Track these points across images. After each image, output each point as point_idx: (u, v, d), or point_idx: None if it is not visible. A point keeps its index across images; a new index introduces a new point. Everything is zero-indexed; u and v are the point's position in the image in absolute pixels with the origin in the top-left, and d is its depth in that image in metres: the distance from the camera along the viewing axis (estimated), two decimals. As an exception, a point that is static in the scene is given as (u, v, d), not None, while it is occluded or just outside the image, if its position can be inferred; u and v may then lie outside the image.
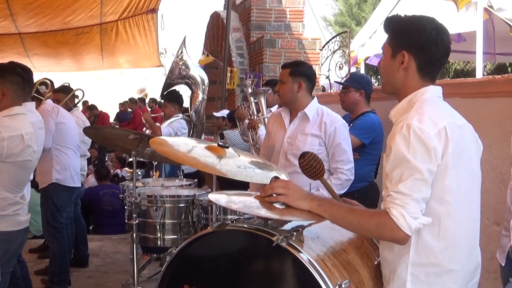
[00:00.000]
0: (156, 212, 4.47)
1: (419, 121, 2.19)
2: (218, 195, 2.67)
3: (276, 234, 2.36)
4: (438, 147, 2.18)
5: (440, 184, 2.22)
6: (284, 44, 10.24)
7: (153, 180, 5.73)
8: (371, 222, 2.21)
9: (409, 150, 2.17)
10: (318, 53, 10.38)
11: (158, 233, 4.49)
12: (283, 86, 4.26)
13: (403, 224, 2.13)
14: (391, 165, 2.22)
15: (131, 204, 4.41)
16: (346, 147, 4.19)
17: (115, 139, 4.55)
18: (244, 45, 11.31)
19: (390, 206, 2.16)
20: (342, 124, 4.23)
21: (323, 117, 4.21)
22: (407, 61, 2.35)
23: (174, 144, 3.29)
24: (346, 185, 4.17)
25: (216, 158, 3.02)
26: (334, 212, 2.32)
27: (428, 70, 2.36)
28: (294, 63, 4.42)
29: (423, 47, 2.32)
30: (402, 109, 2.37)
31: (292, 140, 4.23)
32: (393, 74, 2.40)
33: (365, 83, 5.23)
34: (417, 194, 2.15)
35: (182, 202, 4.49)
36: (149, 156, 4.71)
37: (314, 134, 4.17)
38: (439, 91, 2.40)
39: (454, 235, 2.27)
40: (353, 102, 5.16)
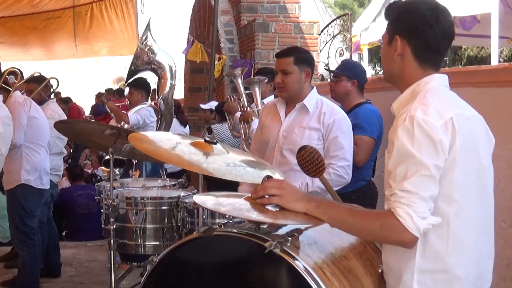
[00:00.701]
0: (136, 216, 4.46)
1: (423, 112, 2.21)
2: (205, 197, 2.66)
3: (269, 240, 2.36)
4: (444, 140, 2.20)
5: (448, 181, 2.24)
6: (279, 28, 10.26)
7: (132, 180, 5.72)
8: (374, 224, 2.22)
9: (414, 144, 2.18)
10: (316, 38, 10.40)
11: (139, 239, 4.48)
12: (289, 77, 4.20)
13: (410, 224, 2.13)
14: (394, 161, 2.23)
15: (108, 207, 4.40)
16: (344, 143, 4.18)
17: (89, 135, 4.54)
18: (234, 29, 11.31)
19: (396, 206, 2.17)
20: (343, 117, 4.24)
21: (322, 107, 4.23)
22: (400, 46, 2.40)
23: (156, 140, 3.28)
24: (336, 184, 4.13)
25: (202, 156, 3.01)
26: (333, 214, 2.32)
27: (427, 56, 2.40)
28: (294, 50, 4.38)
29: (416, 30, 2.37)
30: (404, 100, 2.40)
31: (288, 134, 4.23)
32: (390, 62, 2.47)
33: (359, 72, 5.23)
34: (425, 191, 2.16)
35: (165, 205, 4.49)
36: (128, 153, 4.71)
37: (312, 127, 4.18)
38: (445, 79, 2.43)
39: (463, 238, 2.29)
40: (344, 92, 5.15)
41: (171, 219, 4.44)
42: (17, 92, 6.14)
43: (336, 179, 4.12)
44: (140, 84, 7.36)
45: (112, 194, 4.37)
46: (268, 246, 2.32)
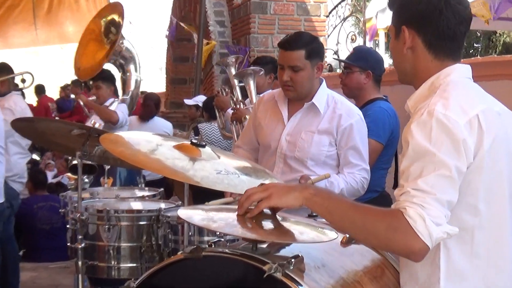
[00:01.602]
0: (109, 233, 4.46)
1: (444, 107, 2.22)
2: (191, 211, 2.67)
3: (269, 262, 2.36)
4: (469, 141, 2.21)
5: (473, 189, 2.25)
6: (279, 9, 10.28)
7: (104, 189, 5.72)
8: (379, 224, 2.20)
9: (432, 141, 2.19)
10: (323, 20, 10.42)
11: (112, 261, 4.49)
12: (300, 75, 4.10)
13: (422, 229, 2.11)
14: (408, 160, 2.23)
15: (75, 221, 4.40)
16: (364, 151, 4.18)
17: (52, 135, 4.54)
18: (225, 10, 11.33)
19: (406, 205, 2.15)
20: (360, 119, 4.20)
21: (337, 107, 4.17)
22: (409, 38, 2.44)
23: (133, 142, 3.28)
24: (352, 194, 4.12)
25: (188, 161, 3.02)
26: (332, 206, 2.32)
27: (441, 45, 2.43)
28: (305, 39, 4.21)
29: (425, 17, 2.41)
30: (422, 96, 2.43)
31: (293, 138, 4.17)
32: (400, 57, 2.52)
33: (374, 61, 5.15)
34: (442, 194, 2.16)
35: (143, 219, 4.49)
36: (99, 157, 4.70)
37: (323, 130, 4.12)
38: (467, 71, 2.47)
39: (491, 254, 2.30)
40: (357, 86, 5.11)
41: (151, 237, 4.45)
42: None
43: (354, 186, 4.10)
44: (107, 76, 7.41)
45: (80, 206, 4.37)
46: (267, 270, 2.32)
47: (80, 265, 4.29)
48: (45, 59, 26.47)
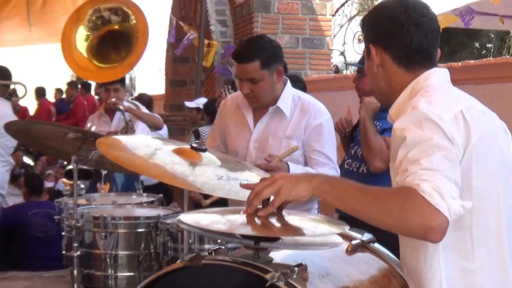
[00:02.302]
0: (106, 240, 4.47)
1: (427, 103, 2.29)
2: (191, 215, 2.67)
3: (271, 271, 2.37)
4: (456, 136, 2.24)
5: (466, 186, 2.26)
6: (283, 7, 10.28)
7: (101, 195, 5.73)
8: (393, 203, 2.17)
9: (423, 129, 2.22)
10: (329, 19, 10.42)
11: (109, 269, 4.49)
12: (259, 86, 4.06)
13: (439, 202, 2.08)
14: (404, 150, 2.24)
15: (70, 229, 4.41)
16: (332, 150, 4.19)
17: (47, 139, 4.55)
18: (227, 8, 11.34)
19: (417, 182, 2.13)
20: (329, 118, 4.22)
21: (304, 107, 4.18)
22: (377, 56, 2.54)
23: (131, 146, 3.29)
24: None
25: (188, 166, 3.03)
26: (342, 192, 2.31)
27: (410, 59, 2.52)
28: (257, 49, 4.11)
29: (388, 33, 2.52)
30: (403, 102, 2.48)
31: (262, 144, 4.19)
32: (374, 77, 2.62)
33: None
34: (449, 172, 2.15)
35: (141, 227, 4.50)
36: (96, 162, 4.72)
37: (291, 134, 4.14)
38: (446, 74, 2.57)
39: (489, 253, 2.34)
40: (371, 90, 5.10)
41: (149, 244, 4.45)
42: None
43: None
44: (124, 80, 7.39)
45: (76, 213, 4.38)
46: (269, 279, 2.33)
47: (76, 274, 4.30)
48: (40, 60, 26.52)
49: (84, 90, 17.80)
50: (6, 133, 6.20)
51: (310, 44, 10.09)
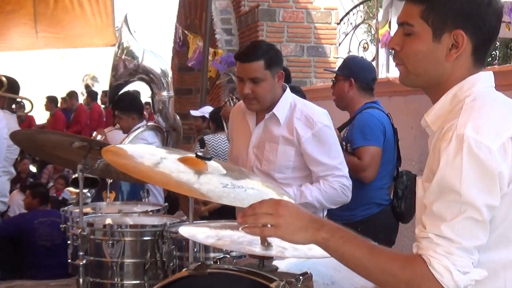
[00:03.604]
0: (112, 249, 4.46)
1: (475, 131, 2.04)
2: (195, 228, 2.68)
3: (276, 279, 2.37)
4: (504, 169, 2.04)
5: (508, 221, 2.12)
6: (287, 16, 10.31)
7: (107, 204, 5.73)
8: (401, 276, 2.10)
9: (462, 177, 2.02)
10: (334, 28, 10.44)
11: (115, 278, 4.48)
12: (261, 86, 4.07)
13: (449, 283, 2.02)
14: (432, 195, 2.09)
15: (76, 237, 4.41)
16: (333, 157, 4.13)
17: (53, 148, 4.56)
18: (232, 17, 11.37)
19: (430, 254, 2.05)
20: (323, 126, 4.13)
21: (295, 114, 4.14)
22: (464, 44, 2.20)
23: (136, 155, 3.30)
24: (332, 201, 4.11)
25: (193, 174, 3.03)
26: (347, 253, 2.19)
27: (484, 49, 2.25)
28: (262, 49, 4.18)
29: (476, 17, 2.19)
30: (444, 111, 2.23)
31: (260, 151, 4.19)
32: (436, 63, 2.24)
33: (356, 68, 5.15)
34: (469, 241, 2.04)
35: (147, 235, 4.49)
36: (102, 171, 4.72)
37: (286, 140, 4.12)
38: (491, 78, 2.28)
39: None
40: (341, 95, 5.11)
41: (155, 253, 4.44)
42: None
43: (331, 193, 4.07)
44: (127, 105, 7.14)
45: (82, 221, 4.38)
46: (274, 287, 2.33)
47: (82, 283, 4.30)
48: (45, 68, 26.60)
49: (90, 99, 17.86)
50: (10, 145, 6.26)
51: (315, 52, 10.11)
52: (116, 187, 6.81)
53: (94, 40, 13.86)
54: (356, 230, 4.18)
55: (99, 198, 6.23)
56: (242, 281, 2.48)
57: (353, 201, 4.50)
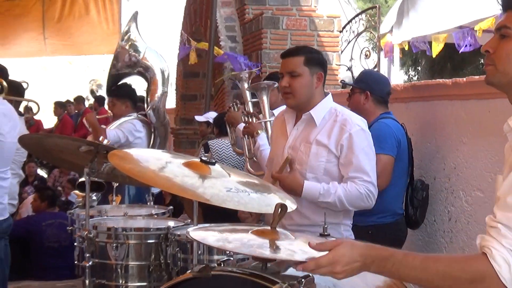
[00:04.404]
0: (117, 251, 4.46)
1: None
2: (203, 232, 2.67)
3: (279, 282, 2.37)
4: None
5: None
6: (291, 24, 10.29)
7: (112, 207, 5.73)
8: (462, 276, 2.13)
9: None
10: (337, 36, 10.43)
11: (120, 279, 4.48)
12: (298, 80, 4.15)
13: (506, 275, 2.05)
14: (507, 187, 2.14)
15: (83, 239, 4.41)
16: (365, 163, 4.11)
17: (60, 152, 4.56)
18: (236, 24, 11.36)
19: (493, 246, 2.08)
20: (361, 130, 4.16)
21: (336, 118, 4.18)
22: None
23: (142, 159, 3.30)
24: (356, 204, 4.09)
25: (198, 179, 3.03)
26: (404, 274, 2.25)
27: None
28: (304, 48, 4.36)
29: None
30: None
31: (295, 151, 4.21)
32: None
33: (372, 82, 5.28)
34: None
35: (151, 238, 4.49)
36: (108, 175, 4.72)
37: (320, 142, 4.14)
38: None
39: None
40: (357, 107, 5.22)
41: (159, 255, 4.44)
42: None
43: (356, 195, 4.05)
44: (123, 92, 7.33)
45: (88, 224, 4.38)
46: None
47: (88, 284, 4.30)
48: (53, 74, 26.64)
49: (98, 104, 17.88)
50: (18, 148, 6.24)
51: (317, 59, 10.10)
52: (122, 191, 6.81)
53: (100, 47, 13.79)
54: (367, 233, 4.24)
55: (105, 201, 6.23)
56: (246, 283, 2.47)
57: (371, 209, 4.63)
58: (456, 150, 5.14)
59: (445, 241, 5.21)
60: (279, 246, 2.53)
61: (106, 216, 5.06)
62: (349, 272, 2.29)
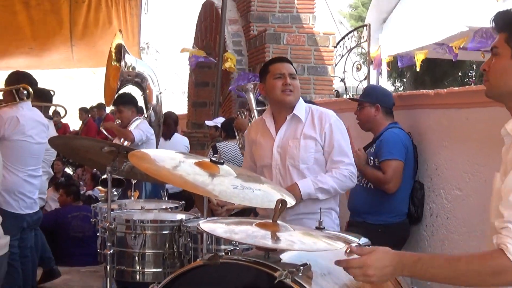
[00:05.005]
0: (135, 241, 4.46)
1: None
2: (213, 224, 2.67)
3: (279, 269, 2.36)
4: None
5: None
6: (291, 40, 10.28)
7: (131, 201, 5.72)
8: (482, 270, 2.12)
9: None
10: (331, 50, 10.42)
11: (137, 266, 4.48)
12: (296, 82, 4.34)
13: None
14: (509, 185, 2.14)
15: (105, 230, 4.41)
16: (345, 147, 4.24)
17: (86, 152, 4.55)
18: (242, 40, 11.36)
19: (508, 242, 2.08)
20: (338, 120, 4.30)
21: (314, 113, 4.30)
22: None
23: (158, 159, 3.30)
24: (343, 186, 4.19)
25: (208, 177, 3.02)
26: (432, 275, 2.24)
27: None
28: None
29: None
30: None
31: (283, 149, 4.28)
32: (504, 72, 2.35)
33: (381, 95, 5.31)
34: None
35: (166, 229, 4.49)
36: (127, 172, 4.72)
37: (307, 135, 4.23)
38: None
39: None
40: (368, 119, 5.23)
41: (173, 245, 4.44)
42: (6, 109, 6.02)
43: (343, 180, 4.16)
44: (127, 100, 7.46)
45: (110, 216, 4.38)
46: (278, 276, 2.32)
47: (109, 270, 4.29)
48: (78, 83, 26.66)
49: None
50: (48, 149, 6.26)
51: (314, 71, 10.09)
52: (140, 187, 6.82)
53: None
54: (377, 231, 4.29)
55: (124, 196, 6.24)
56: (250, 270, 2.47)
57: (381, 208, 4.98)
58: (438, 153, 5.13)
59: (427, 234, 5.21)
60: (279, 237, 2.53)
61: (125, 210, 5.06)
62: (380, 276, 2.31)
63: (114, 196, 6.00)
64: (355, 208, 5.20)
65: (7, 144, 5.75)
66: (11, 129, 5.80)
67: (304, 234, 2.71)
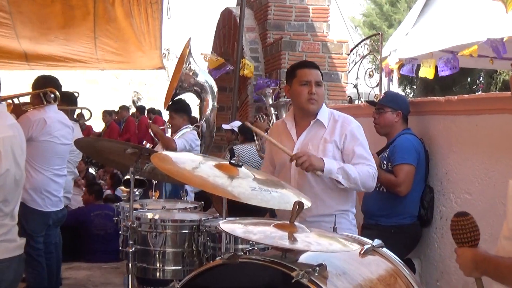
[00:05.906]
0: (156, 239, 4.47)
1: None
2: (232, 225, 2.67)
3: (296, 269, 2.35)
4: None
5: None
6: (306, 47, 10.27)
7: (152, 201, 5.73)
8: None
9: None
10: (345, 58, 10.40)
11: (158, 263, 4.48)
12: (321, 89, 4.26)
13: None
14: None
15: (127, 228, 4.41)
16: (364, 152, 4.16)
17: (109, 153, 4.57)
18: (259, 47, 11.35)
19: None
20: (358, 126, 4.25)
21: (336, 118, 4.26)
22: None
23: (179, 161, 3.30)
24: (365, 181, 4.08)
25: (227, 179, 3.02)
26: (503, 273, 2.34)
27: None
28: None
29: None
30: None
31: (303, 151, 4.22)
32: None
33: (402, 103, 5.31)
34: None
35: (185, 228, 4.49)
36: (149, 173, 4.73)
37: (328, 139, 4.18)
38: None
39: None
40: (389, 124, 5.22)
41: (192, 243, 4.44)
42: (34, 112, 6.05)
43: (366, 175, 4.06)
44: (180, 107, 7.46)
45: (132, 215, 4.39)
46: (295, 276, 2.32)
47: (130, 267, 4.30)
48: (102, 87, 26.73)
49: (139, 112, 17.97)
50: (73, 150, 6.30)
51: (328, 78, 10.06)
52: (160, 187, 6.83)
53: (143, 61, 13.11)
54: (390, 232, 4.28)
55: (146, 196, 6.25)
56: (268, 270, 2.47)
57: (393, 211, 4.97)
58: (447, 158, 5.10)
59: (437, 237, 5.19)
60: (296, 238, 2.53)
61: (147, 209, 5.06)
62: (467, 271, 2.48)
63: (136, 196, 6.01)
64: (369, 211, 5.19)
65: (34, 145, 5.79)
66: (38, 130, 5.86)
67: (320, 235, 2.70)
